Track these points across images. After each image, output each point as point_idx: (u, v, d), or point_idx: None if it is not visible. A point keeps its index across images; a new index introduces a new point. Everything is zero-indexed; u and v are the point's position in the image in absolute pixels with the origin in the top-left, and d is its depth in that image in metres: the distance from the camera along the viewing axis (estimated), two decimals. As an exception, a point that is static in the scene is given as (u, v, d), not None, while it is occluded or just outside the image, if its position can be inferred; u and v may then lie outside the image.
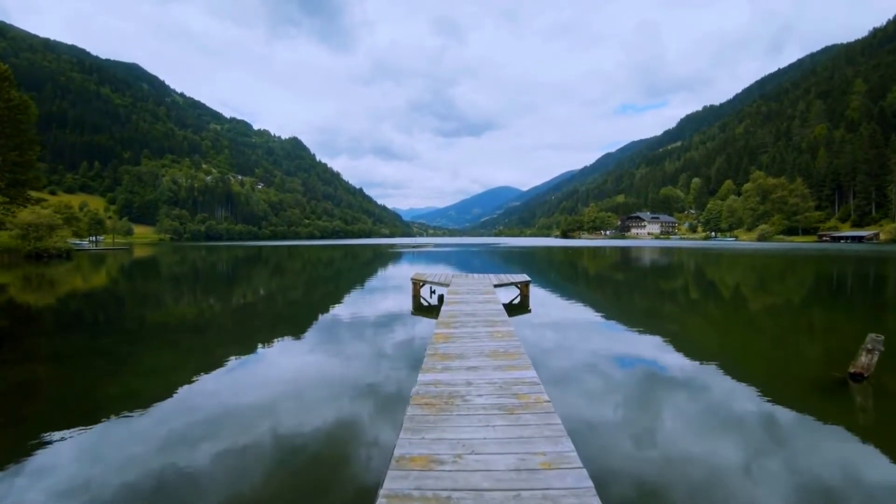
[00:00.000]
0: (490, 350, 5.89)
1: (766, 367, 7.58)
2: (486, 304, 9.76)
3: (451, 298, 10.69)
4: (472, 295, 11.13)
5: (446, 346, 6.16)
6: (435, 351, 5.85)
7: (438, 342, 6.35)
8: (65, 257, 40.22)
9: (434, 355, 5.64)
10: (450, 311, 8.87)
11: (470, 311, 8.81)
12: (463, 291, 11.82)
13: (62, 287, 20.06)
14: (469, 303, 9.93)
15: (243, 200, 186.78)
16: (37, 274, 25.45)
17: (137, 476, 3.87)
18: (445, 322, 7.77)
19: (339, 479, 3.87)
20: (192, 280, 24.39)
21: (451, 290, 12.31)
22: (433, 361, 5.38)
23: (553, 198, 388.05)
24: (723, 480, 3.82)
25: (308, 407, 5.52)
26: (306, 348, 8.47)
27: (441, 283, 14.13)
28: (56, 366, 7.72)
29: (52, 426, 4.92)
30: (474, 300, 10.32)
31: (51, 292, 17.94)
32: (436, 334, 6.91)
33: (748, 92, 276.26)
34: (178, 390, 6.17)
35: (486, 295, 11.09)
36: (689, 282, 22.15)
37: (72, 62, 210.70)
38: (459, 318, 8.07)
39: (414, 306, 13.21)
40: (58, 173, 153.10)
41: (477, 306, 9.38)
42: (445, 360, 5.41)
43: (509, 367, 5.13)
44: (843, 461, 4.16)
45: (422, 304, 13.60)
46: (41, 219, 38.86)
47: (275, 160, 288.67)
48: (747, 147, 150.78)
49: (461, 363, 5.30)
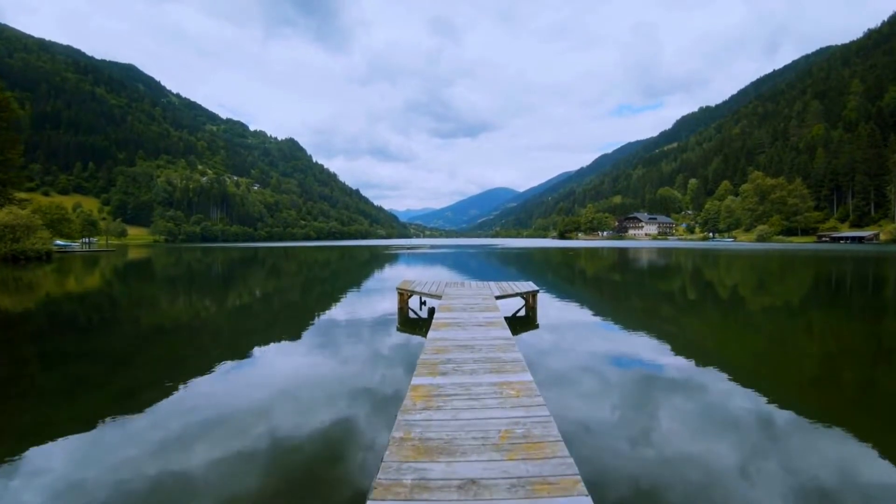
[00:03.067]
0: (500, 432, 3.37)
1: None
2: (487, 327, 7.49)
3: (442, 318, 8.35)
4: (469, 313, 8.88)
5: (426, 419, 3.67)
6: (407, 433, 3.38)
7: (415, 408, 3.91)
8: (44, 260, 38.58)
9: (402, 445, 3.19)
10: (438, 340, 6.59)
11: (466, 341, 6.49)
12: (458, 307, 9.56)
13: (28, 293, 19.17)
14: (465, 325, 7.66)
15: (239, 201, 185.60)
16: (3, 278, 24.32)
17: (132, 478, 3.90)
18: (430, 363, 5.34)
19: (331, 481, 3.89)
20: (172, 288, 23.47)
21: (444, 304, 9.96)
22: (398, 462, 2.94)
23: (550, 199, 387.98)
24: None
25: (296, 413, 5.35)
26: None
27: (432, 294, 11.77)
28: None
29: (46, 428, 4.96)
30: (472, 320, 8.07)
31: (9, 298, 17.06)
32: (413, 389, 4.40)
33: (744, 93, 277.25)
34: (173, 394, 6.14)
35: (487, 313, 8.80)
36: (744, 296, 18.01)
37: (67, 62, 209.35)
38: (450, 355, 5.70)
39: (400, 320, 11.29)
40: (51, 174, 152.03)
41: (476, 332, 7.18)
42: (422, 459, 2.99)
43: (540, 484, 2.67)
44: (840, 462, 4.15)
45: (410, 316, 11.75)
46: (18, 220, 37.39)
47: (271, 161, 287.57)
48: (744, 147, 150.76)
49: (448, 469, 2.87)
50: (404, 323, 11.06)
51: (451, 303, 10.12)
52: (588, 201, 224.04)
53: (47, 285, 21.54)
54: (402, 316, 11.81)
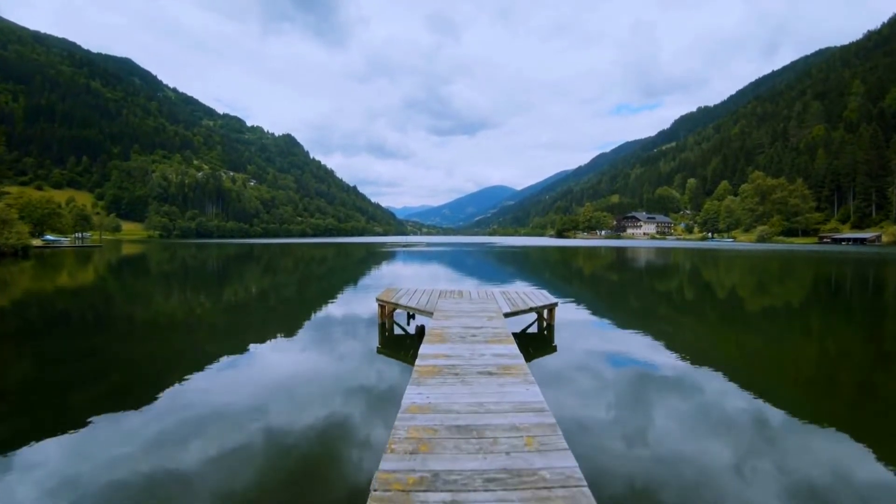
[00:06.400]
0: None
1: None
2: (500, 376, 4.72)
3: (428, 355, 5.56)
4: (469, 345, 6.08)
5: None
6: None
7: None
8: (20, 256, 36.75)
9: None
10: (420, 412, 3.76)
11: (466, 412, 3.77)
12: (454, 333, 6.80)
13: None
14: (465, 372, 4.84)
15: (235, 197, 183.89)
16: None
17: (127, 475, 3.85)
18: (405, 453, 3.06)
19: (329, 478, 3.86)
20: (148, 298, 22.29)
21: (436, 328, 7.18)
22: None
23: (547, 197, 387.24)
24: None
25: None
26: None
27: (421, 309, 9.04)
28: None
29: (40, 426, 4.89)
30: (474, 361, 5.30)
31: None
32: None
33: (742, 93, 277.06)
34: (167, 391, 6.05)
35: (496, 347, 5.97)
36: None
37: (62, 55, 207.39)
38: (439, 434, 3.35)
39: (381, 341, 8.91)
40: (45, 168, 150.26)
41: (482, 385, 4.42)
42: None
43: None
44: (834, 462, 4.15)
45: (395, 333, 9.62)
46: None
47: (268, 157, 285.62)
48: (743, 148, 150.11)
49: None
50: (386, 344, 8.76)
51: (445, 326, 7.31)
52: (586, 200, 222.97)
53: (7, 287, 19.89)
54: (384, 334, 9.41)
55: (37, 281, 21.10)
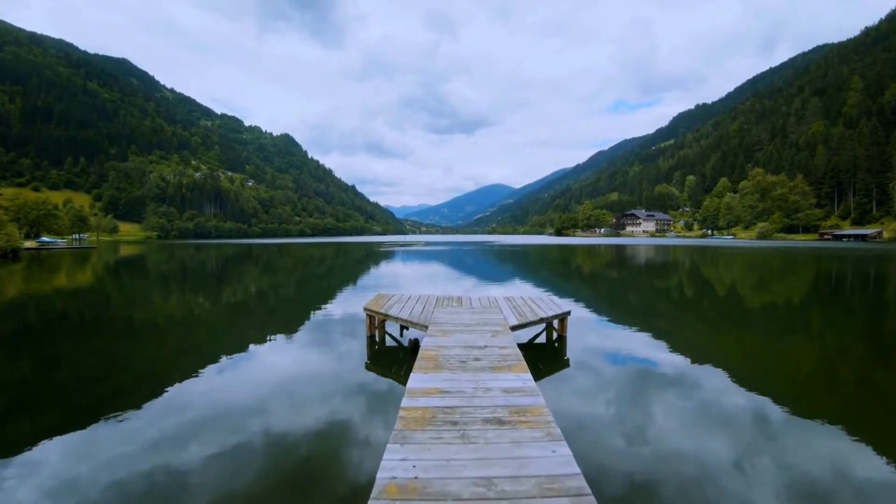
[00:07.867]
0: None
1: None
2: (512, 427, 3.52)
3: (420, 385, 4.50)
4: (472, 373, 4.93)
5: None
6: None
7: None
8: (10, 258, 35.82)
9: None
10: (409, 468, 2.88)
11: (474, 483, 2.73)
12: (452, 354, 5.74)
13: None
14: (466, 417, 3.74)
15: (233, 197, 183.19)
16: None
17: (127, 476, 3.86)
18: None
19: (329, 477, 3.87)
20: (134, 307, 21.87)
21: (430, 347, 6.12)
22: None
23: (546, 195, 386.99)
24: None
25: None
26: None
27: (415, 321, 7.85)
28: None
29: (41, 426, 4.90)
30: (479, 392, 4.33)
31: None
32: None
33: (741, 90, 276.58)
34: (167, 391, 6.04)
35: (503, 374, 4.87)
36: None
37: (58, 56, 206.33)
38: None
39: (370, 355, 7.91)
40: (42, 169, 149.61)
41: (487, 444, 3.25)
42: None
43: None
44: (833, 458, 4.13)
45: (386, 345, 8.55)
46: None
47: (266, 157, 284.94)
48: (742, 145, 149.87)
49: None
50: (375, 358, 7.74)
51: (442, 345, 6.19)
52: (585, 198, 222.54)
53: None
54: (373, 347, 8.35)
55: (28, 283, 20.74)
